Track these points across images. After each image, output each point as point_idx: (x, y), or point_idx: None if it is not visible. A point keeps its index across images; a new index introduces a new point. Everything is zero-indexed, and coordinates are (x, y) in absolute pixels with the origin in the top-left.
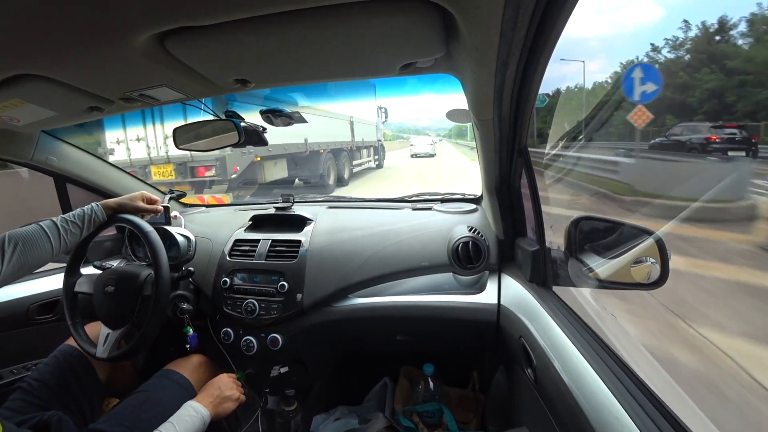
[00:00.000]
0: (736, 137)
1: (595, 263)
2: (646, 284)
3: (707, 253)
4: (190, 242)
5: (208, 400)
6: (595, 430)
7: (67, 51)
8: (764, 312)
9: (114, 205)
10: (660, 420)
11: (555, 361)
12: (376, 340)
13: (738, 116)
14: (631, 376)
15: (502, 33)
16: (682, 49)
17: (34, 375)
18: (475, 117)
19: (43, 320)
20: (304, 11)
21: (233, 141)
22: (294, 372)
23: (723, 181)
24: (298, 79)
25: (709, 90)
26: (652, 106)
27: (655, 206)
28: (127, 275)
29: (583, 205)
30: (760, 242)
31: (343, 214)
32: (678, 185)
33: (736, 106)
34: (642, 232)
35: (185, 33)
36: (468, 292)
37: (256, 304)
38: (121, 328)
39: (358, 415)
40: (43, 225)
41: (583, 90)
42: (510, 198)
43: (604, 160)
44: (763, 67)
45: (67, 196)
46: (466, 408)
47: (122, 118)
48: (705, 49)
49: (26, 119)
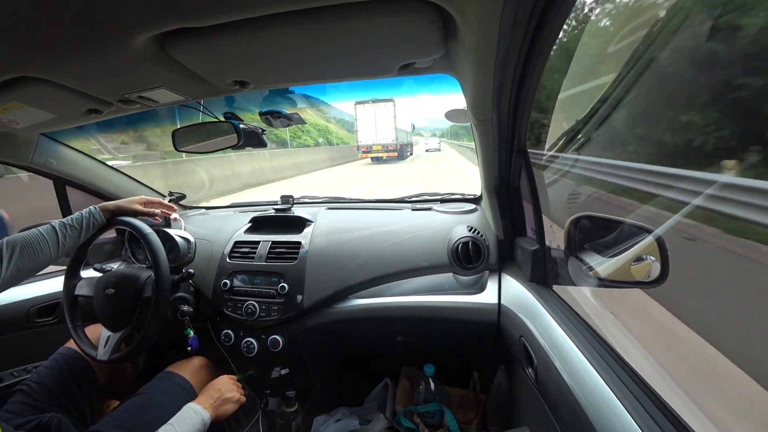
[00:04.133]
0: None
1: (595, 262)
2: (647, 282)
3: None
4: (190, 244)
5: (208, 401)
6: (596, 429)
7: (65, 53)
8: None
9: (112, 207)
10: (661, 419)
11: (556, 360)
12: (376, 341)
13: None
14: (632, 375)
15: (500, 33)
16: None
17: (34, 377)
18: (474, 117)
19: (43, 323)
20: (303, 12)
21: (232, 143)
22: (294, 373)
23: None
24: (297, 80)
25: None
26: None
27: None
28: (128, 277)
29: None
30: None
31: (342, 214)
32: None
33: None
34: (642, 230)
35: (184, 34)
36: (468, 292)
37: (256, 305)
38: (122, 330)
39: (359, 416)
40: (41, 230)
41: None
42: (509, 198)
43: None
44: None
45: (67, 199)
46: (467, 408)
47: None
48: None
49: (25, 122)
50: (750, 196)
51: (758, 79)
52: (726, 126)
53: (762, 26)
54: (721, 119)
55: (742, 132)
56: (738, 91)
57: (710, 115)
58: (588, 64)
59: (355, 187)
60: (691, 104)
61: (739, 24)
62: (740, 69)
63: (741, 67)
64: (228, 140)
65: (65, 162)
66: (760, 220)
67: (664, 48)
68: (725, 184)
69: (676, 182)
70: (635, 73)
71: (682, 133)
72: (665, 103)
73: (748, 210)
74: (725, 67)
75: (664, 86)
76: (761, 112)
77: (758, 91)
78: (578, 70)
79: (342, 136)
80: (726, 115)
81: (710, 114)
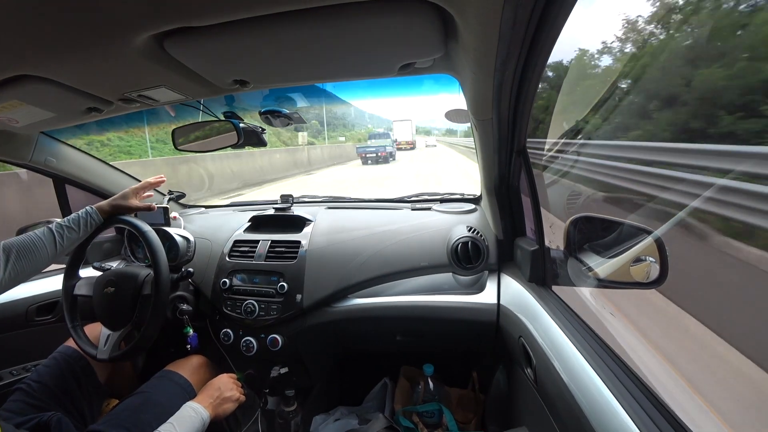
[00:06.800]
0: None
1: (594, 263)
2: (646, 283)
3: None
4: (190, 243)
5: (208, 400)
6: (595, 429)
7: (65, 52)
8: None
9: (108, 207)
10: (659, 419)
11: (555, 360)
12: (375, 341)
13: None
14: (631, 376)
15: (500, 33)
16: None
17: (34, 376)
18: (474, 117)
19: (42, 321)
20: (303, 12)
21: (232, 141)
22: (294, 372)
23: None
24: (297, 79)
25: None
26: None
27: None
28: (127, 276)
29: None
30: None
31: (342, 214)
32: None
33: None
34: (641, 231)
35: (184, 34)
36: (467, 292)
37: (255, 304)
38: (121, 329)
39: (358, 415)
40: (38, 232)
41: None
42: (509, 198)
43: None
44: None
45: (66, 198)
46: (465, 408)
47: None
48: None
49: (25, 120)
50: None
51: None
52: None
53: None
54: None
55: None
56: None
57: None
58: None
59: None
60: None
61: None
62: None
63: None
64: (227, 139)
65: (65, 160)
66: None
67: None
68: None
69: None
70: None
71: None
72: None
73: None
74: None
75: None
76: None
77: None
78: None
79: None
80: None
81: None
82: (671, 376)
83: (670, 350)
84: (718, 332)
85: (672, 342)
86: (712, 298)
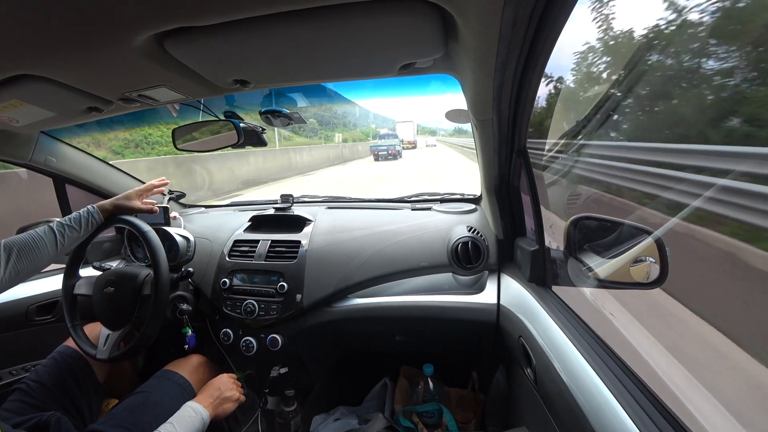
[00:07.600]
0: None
1: (594, 263)
2: (646, 284)
3: None
4: (190, 243)
5: (207, 400)
6: (595, 429)
7: (66, 51)
8: None
9: (110, 206)
10: (659, 419)
11: (554, 360)
12: (375, 341)
13: None
14: (631, 376)
15: (501, 33)
16: None
17: (33, 376)
18: (474, 117)
19: (42, 321)
20: (303, 12)
21: (232, 141)
22: (293, 372)
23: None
24: (297, 79)
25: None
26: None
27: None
28: (127, 276)
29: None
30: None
31: (342, 214)
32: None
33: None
34: (641, 232)
35: (184, 33)
36: (467, 292)
37: (255, 304)
38: (121, 328)
39: (358, 415)
40: (39, 231)
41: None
42: (509, 198)
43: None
44: None
45: (66, 197)
46: (465, 408)
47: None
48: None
49: (25, 120)
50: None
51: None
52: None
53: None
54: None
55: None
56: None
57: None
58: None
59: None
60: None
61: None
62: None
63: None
64: (228, 138)
65: (65, 160)
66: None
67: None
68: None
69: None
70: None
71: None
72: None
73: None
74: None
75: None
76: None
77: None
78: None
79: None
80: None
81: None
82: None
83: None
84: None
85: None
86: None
